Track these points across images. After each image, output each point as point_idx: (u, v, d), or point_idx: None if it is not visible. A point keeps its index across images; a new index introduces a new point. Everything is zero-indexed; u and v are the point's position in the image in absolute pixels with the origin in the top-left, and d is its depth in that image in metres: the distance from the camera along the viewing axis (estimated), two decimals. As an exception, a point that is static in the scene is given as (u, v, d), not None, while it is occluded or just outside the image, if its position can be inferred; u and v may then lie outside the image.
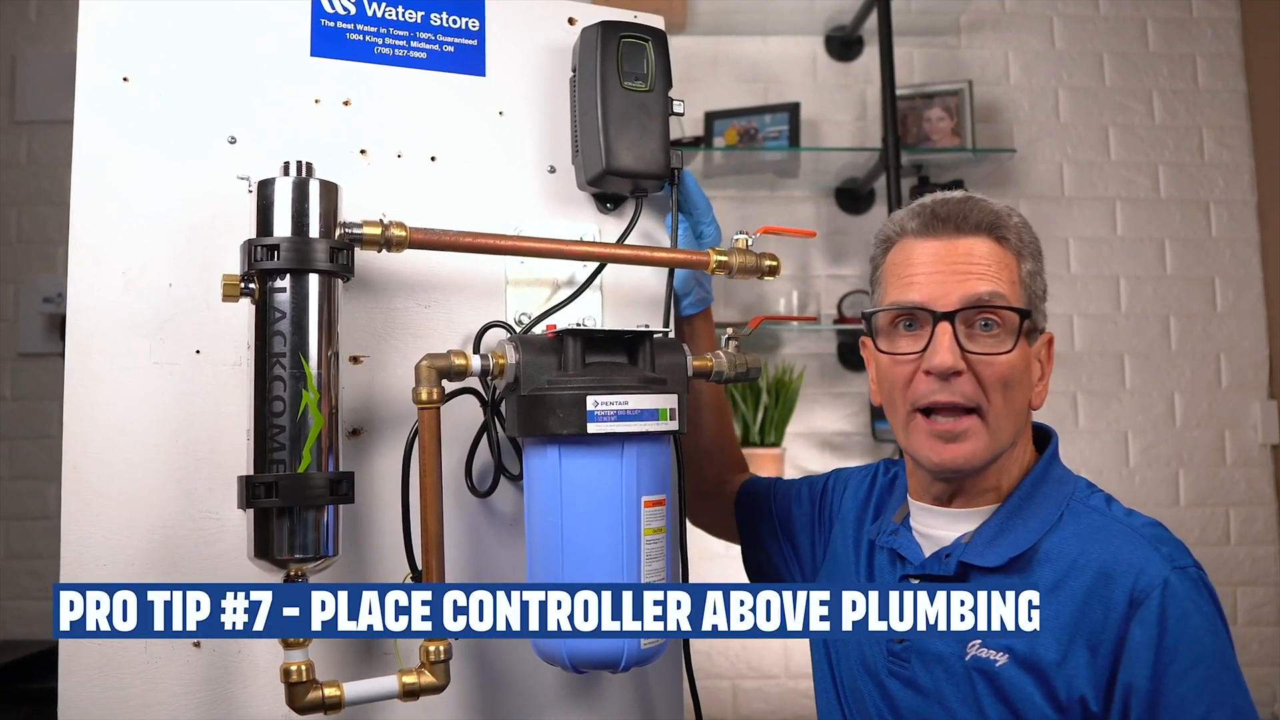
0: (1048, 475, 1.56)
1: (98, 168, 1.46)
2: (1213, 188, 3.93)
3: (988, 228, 1.52)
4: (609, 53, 1.62)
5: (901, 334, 1.54)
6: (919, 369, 1.50)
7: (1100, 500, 1.53)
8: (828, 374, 3.79)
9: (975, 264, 1.50)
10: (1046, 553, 1.47)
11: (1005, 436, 1.50)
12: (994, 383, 1.47)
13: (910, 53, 3.88)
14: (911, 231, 1.56)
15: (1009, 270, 1.51)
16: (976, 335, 1.49)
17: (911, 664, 1.51)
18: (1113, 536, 1.45)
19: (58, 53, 3.77)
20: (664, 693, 1.71)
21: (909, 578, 1.57)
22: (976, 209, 1.53)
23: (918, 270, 1.53)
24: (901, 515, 1.66)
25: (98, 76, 1.47)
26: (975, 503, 1.55)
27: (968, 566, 1.50)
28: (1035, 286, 1.55)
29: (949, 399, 1.48)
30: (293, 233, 1.34)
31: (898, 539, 1.61)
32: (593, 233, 1.71)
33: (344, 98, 1.59)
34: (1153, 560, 1.39)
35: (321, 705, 1.35)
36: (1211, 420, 3.86)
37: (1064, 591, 1.42)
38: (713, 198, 1.81)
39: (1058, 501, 1.52)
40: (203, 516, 1.46)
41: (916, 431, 1.52)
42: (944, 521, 1.57)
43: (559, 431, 1.40)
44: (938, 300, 1.49)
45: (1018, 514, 1.51)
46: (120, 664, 1.40)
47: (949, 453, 1.49)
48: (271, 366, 1.32)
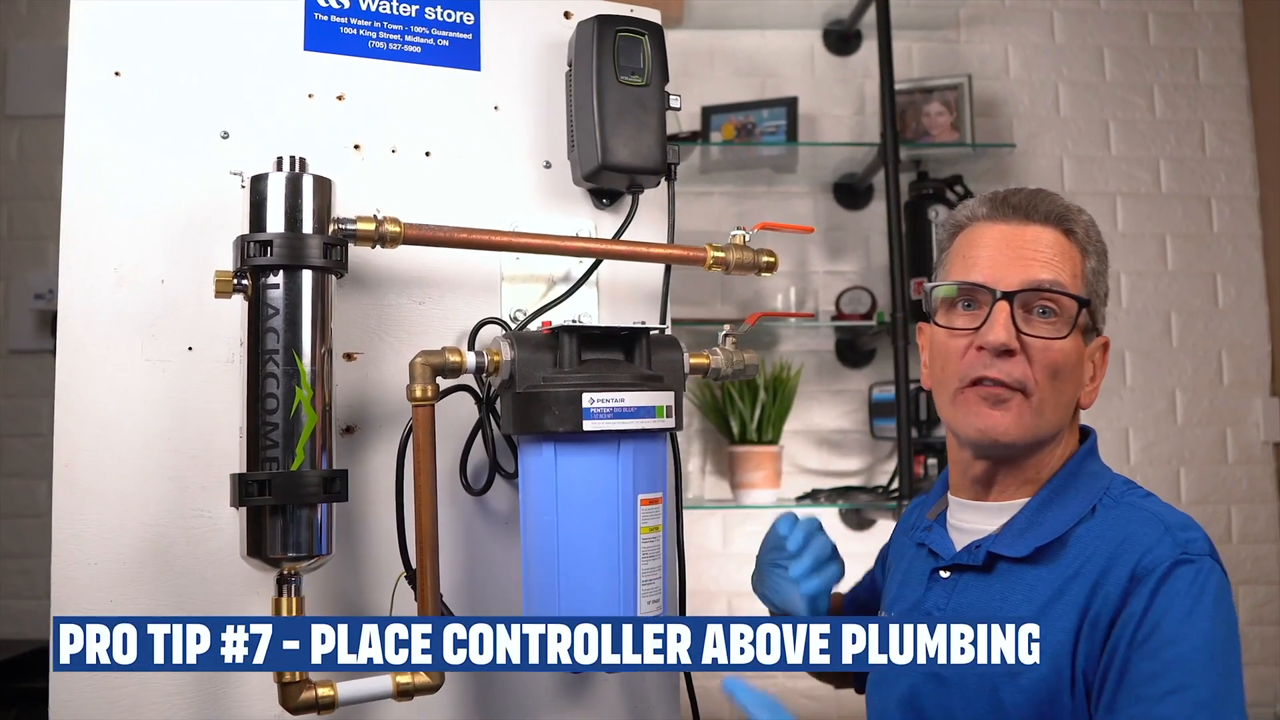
0: (1082, 469, 1.56)
1: (89, 163, 1.46)
2: (1214, 183, 3.92)
3: (1056, 219, 1.54)
4: (605, 47, 1.62)
5: (960, 312, 1.55)
6: (973, 345, 1.51)
7: (1138, 495, 1.53)
8: (826, 371, 3.78)
9: (1040, 251, 1.52)
10: (1075, 542, 1.47)
11: (1048, 423, 1.51)
12: (1045, 368, 1.49)
13: (909, 47, 3.87)
14: (982, 217, 1.58)
15: (1073, 263, 1.53)
16: (1034, 320, 1.50)
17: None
18: (1133, 520, 1.46)
19: (49, 47, 3.76)
20: (660, 692, 1.72)
21: (939, 571, 1.58)
22: (1047, 200, 1.56)
23: (982, 251, 1.55)
24: (937, 512, 1.67)
25: (89, 71, 1.48)
26: (1011, 495, 1.56)
27: (996, 557, 1.51)
28: (1097, 285, 1.56)
29: (999, 376, 1.48)
30: (286, 228, 1.35)
31: (931, 535, 1.63)
32: (589, 228, 1.71)
33: (338, 92, 1.59)
34: (1163, 543, 1.40)
35: (315, 705, 1.36)
36: (1213, 418, 3.86)
37: (1083, 575, 1.43)
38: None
39: (1091, 494, 1.52)
40: (195, 515, 1.46)
41: (963, 403, 1.53)
42: (980, 516, 1.58)
43: (555, 429, 1.40)
44: (999, 280, 1.50)
45: (1049, 505, 1.52)
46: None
47: (990, 419, 1.50)
48: (264, 363, 1.33)
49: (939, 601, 1.55)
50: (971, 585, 1.53)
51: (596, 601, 1.42)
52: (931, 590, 1.58)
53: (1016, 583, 1.48)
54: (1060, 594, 1.43)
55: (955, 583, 1.55)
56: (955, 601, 1.53)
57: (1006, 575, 1.49)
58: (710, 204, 3.79)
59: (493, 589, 1.61)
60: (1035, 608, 1.44)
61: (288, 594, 1.35)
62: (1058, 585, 1.44)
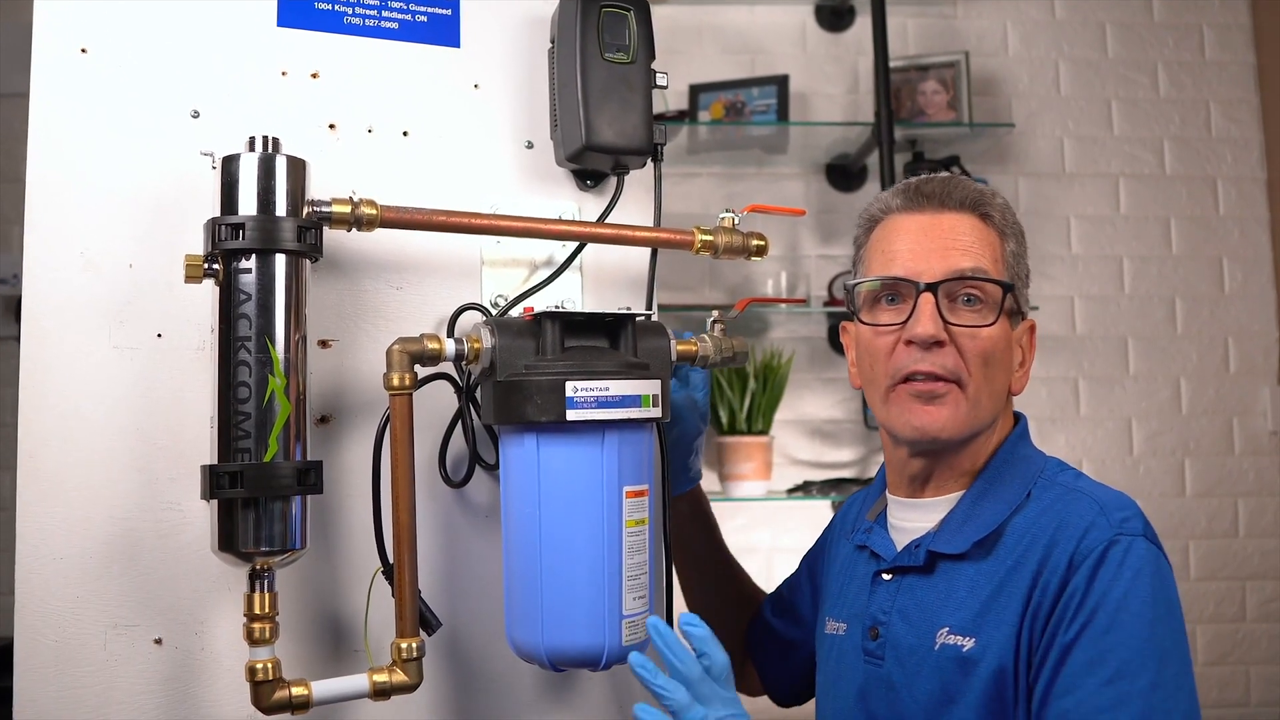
0: (1015, 455, 1.59)
1: (55, 143, 1.46)
2: (1220, 164, 3.94)
3: (971, 205, 1.58)
4: (589, 23, 1.62)
5: (884, 308, 1.58)
6: (900, 340, 1.54)
7: (1070, 476, 1.56)
8: (818, 358, 3.80)
9: (959, 239, 1.55)
10: (1012, 531, 1.50)
11: (983, 413, 1.55)
12: (975, 356, 1.52)
13: (904, 23, 3.88)
14: (896, 208, 1.61)
15: (992, 248, 1.57)
16: (959, 309, 1.53)
17: (885, 660, 1.54)
18: (1069, 504, 1.48)
19: (13, 23, 3.70)
20: (647, 692, 1.72)
21: (881, 574, 1.60)
22: (960, 186, 1.59)
23: (901, 244, 1.58)
24: (876, 512, 1.70)
25: (55, 48, 1.47)
26: (947, 489, 1.59)
27: (935, 555, 1.54)
28: (1018, 268, 1.60)
29: (930, 369, 1.52)
30: (258, 211, 1.35)
31: (871, 536, 1.65)
32: (572, 211, 1.72)
33: (312, 70, 1.59)
34: (1099, 524, 1.43)
35: (289, 705, 1.36)
36: (1219, 407, 3.89)
37: (1024, 566, 1.45)
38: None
39: (1025, 480, 1.55)
40: (164, 508, 1.46)
41: (896, 401, 1.56)
42: (917, 513, 1.61)
43: (537, 419, 1.41)
44: (921, 272, 1.53)
45: (984, 496, 1.55)
46: (78, 661, 1.41)
47: (927, 416, 1.53)
48: (236, 351, 1.33)
49: (883, 604, 1.58)
50: (914, 586, 1.56)
51: (581, 598, 1.43)
52: (875, 594, 1.60)
53: (959, 580, 1.51)
54: (1002, 587, 1.46)
55: (899, 585, 1.58)
56: (900, 603, 1.56)
57: (949, 574, 1.52)
58: (698, 185, 3.80)
59: (473, 584, 1.62)
60: (979, 603, 1.47)
61: (260, 590, 1.35)
62: (998, 579, 1.47)
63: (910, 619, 1.54)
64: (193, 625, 1.46)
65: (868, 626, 1.59)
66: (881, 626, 1.56)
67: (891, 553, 1.60)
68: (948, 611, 1.50)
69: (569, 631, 1.43)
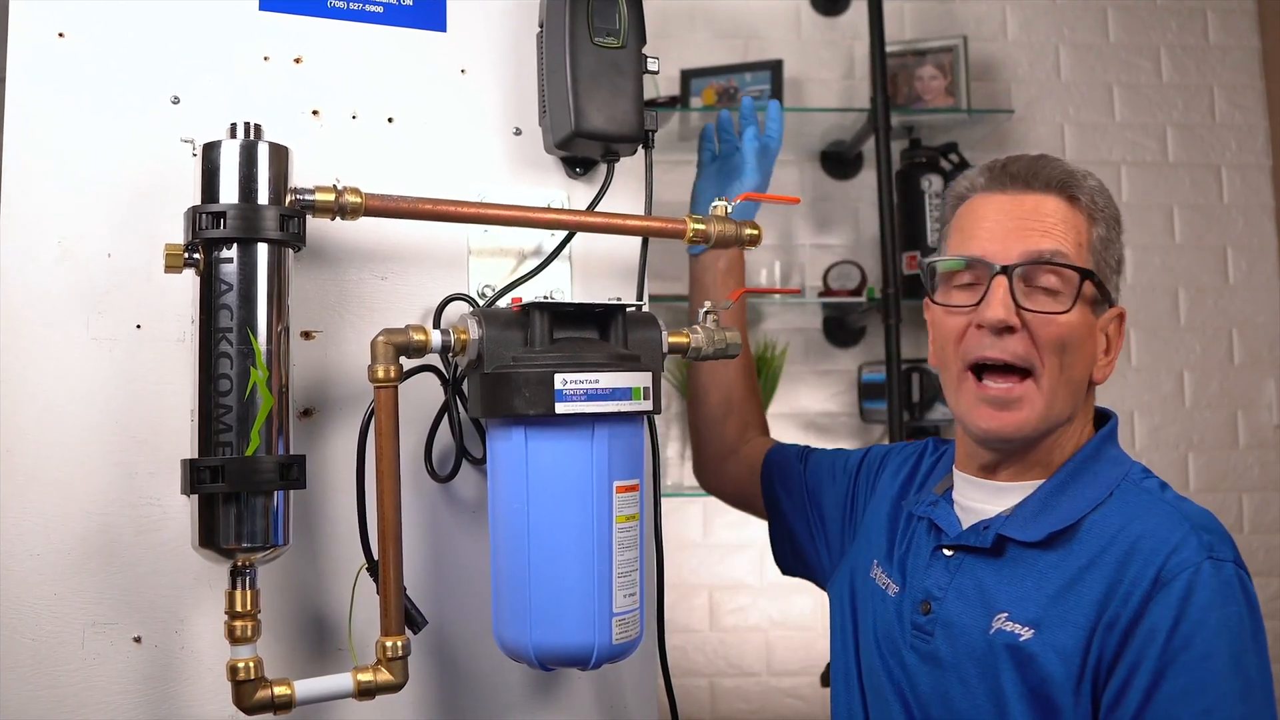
0: (1101, 454, 1.58)
1: (31, 129, 1.46)
2: (1225, 151, 3.94)
3: (1059, 186, 1.56)
4: (578, 6, 1.62)
5: (958, 289, 1.58)
6: (971, 323, 1.53)
7: (1154, 484, 1.55)
8: (813, 350, 3.80)
9: (1041, 220, 1.54)
10: (1089, 529, 1.49)
11: (1060, 408, 1.53)
12: (1049, 344, 1.50)
13: (901, 7, 3.87)
14: (981, 187, 1.60)
15: (1077, 232, 1.55)
16: (1035, 294, 1.51)
17: (935, 637, 1.54)
18: (1155, 514, 1.47)
19: (-16, 4, 3.74)
20: (637, 692, 1.73)
21: (942, 549, 1.60)
22: (1049, 166, 1.58)
23: (981, 223, 1.57)
24: (943, 487, 1.69)
25: (31, 32, 1.48)
26: (1022, 476, 1.58)
27: (1005, 540, 1.53)
28: (1107, 255, 1.58)
29: (1000, 356, 1.50)
30: (240, 199, 1.35)
31: (936, 510, 1.64)
32: (561, 199, 1.72)
33: (295, 55, 1.60)
34: (1189, 543, 1.41)
35: (271, 705, 1.36)
36: (1223, 400, 3.88)
37: (1098, 567, 1.44)
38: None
39: (1109, 480, 1.54)
40: (144, 503, 1.47)
41: (966, 395, 1.55)
42: (987, 495, 1.60)
43: (525, 412, 1.41)
44: (997, 254, 1.52)
45: (1064, 490, 1.54)
46: (55, 660, 1.42)
47: (998, 421, 1.52)
48: (217, 342, 1.33)
49: (940, 580, 1.57)
50: (976, 567, 1.55)
51: (570, 595, 1.43)
52: (933, 568, 1.59)
53: (1027, 569, 1.50)
54: (1072, 585, 1.45)
55: (960, 563, 1.57)
56: (958, 582, 1.55)
57: (1016, 560, 1.51)
58: (690, 173, 3.74)
59: (460, 581, 1.63)
60: (1045, 597, 1.46)
61: (242, 587, 1.35)
62: (1070, 575, 1.46)
63: (968, 598, 1.53)
64: (173, 623, 1.47)
65: (919, 600, 1.58)
66: (935, 603, 1.56)
67: (956, 529, 1.60)
68: (1010, 598, 1.49)
69: (558, 630, 1.43)
